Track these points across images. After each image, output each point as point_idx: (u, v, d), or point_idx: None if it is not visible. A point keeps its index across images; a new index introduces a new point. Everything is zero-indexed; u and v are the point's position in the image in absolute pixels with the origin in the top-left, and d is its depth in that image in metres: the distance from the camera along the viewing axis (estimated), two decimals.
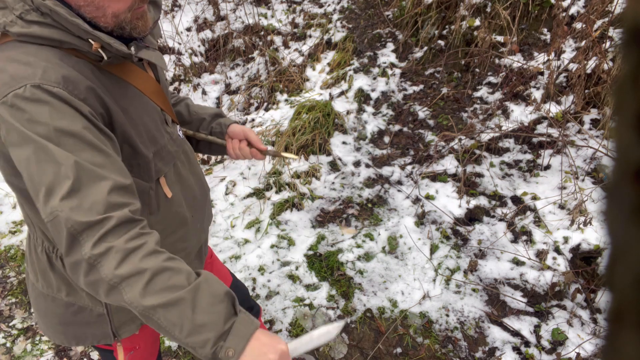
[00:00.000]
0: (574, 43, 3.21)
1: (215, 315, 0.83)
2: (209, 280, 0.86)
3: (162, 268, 0.82)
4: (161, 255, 0.84)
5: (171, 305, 0.81)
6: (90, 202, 0.82)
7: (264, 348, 0.85)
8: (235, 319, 0.85)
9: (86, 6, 0.89)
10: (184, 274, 0.84)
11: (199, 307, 0.82)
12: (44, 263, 1.12)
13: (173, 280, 0.82)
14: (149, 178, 1.06)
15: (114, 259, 0.81)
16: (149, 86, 1.08)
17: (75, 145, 0.84)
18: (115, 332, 1.19)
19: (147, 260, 0.82)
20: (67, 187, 0.82)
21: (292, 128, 3.27)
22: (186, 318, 0.81)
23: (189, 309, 0.81)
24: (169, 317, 0.81)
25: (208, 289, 0.84)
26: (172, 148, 1.14)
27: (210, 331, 0.82)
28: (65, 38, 0.88)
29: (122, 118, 0.97)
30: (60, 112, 0.84)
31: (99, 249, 0.81)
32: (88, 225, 0.81)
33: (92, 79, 0.92)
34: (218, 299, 0.84)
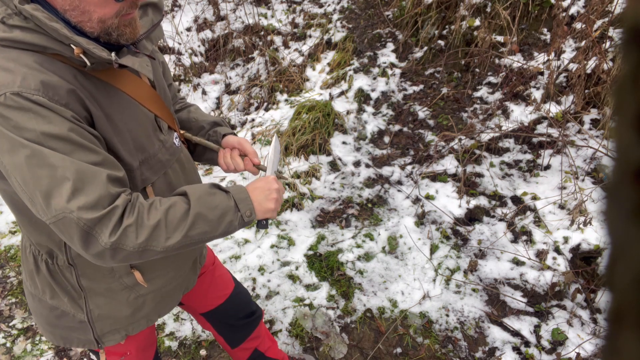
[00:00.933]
0: (574, 43, 3.21)
1: (221, 203, 1.02)
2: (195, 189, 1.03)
3: (165, 211, 0.96)
4: (155, 204, 0.97)
5: (194, 224, 0.98)
6: (95, 198, 0.87)
7: (264, 189, 1.10)
8: (231, 194, 1.06)
9: (71, 10, 0.87)
10: (179, 201, 1.00)
11: (209, 209, 1.00)
12: (31, 264, 1.12)
13: (179, 211, 0.97)
14: (134, 186, 1.04)
15: (132, 234, 0.91)
16: (142, 92, 1.06)
17: (65, 147, 0.86)
18: (99, 339, 1.18)
19: (152, 215, 0.94)
20: (69, 188, 0.85)
21: (292, 128, 3.27)
22: (208, 220, 1.00)
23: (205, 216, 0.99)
24: (199, 231, 0.99)
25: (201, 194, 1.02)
26: (164, 157, 1.11)
27: (228, 213, 1.03)
28: (48, 43, 0.86)
29: (105, 125, 0.95)
30: (44, 117, 0.84)
31: (116, 235, 0.90)
32: (99, 220, 0.88)
33: (75, 83, 0.90)
34: (211, 193, 1.03)
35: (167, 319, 2.35)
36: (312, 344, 2.20)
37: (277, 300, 2.39)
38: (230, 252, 2.67)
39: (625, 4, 0.21)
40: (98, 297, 1.13)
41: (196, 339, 2.26)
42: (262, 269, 2.54)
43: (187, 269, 1.29)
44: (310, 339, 2.22)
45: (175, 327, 2.32)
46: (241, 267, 2.57)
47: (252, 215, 1.06)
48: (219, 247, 2.71)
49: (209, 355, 2.19)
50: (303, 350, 2.18)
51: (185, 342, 2.25)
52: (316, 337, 2.23)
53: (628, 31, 0.20)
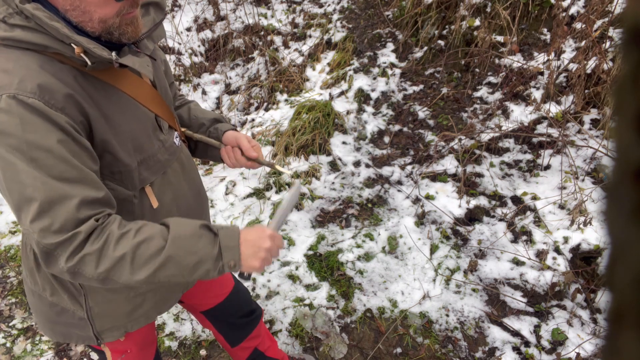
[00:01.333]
0: (574, 43, 3.21)
1: (202, 249, 0.94)
2: (180, 226, 0.96)
3: (136, 245, 0.90)
4: (129, 235, 0.91)
5: (163, 266, 0.91)
6: (60, 222, 0.86)
7: (255, 244, 1.00)
8: (218, 239, 0.97)
9: (72, 10, 0.87)
10: (157, 235, 0.93)
11: (186, 253, 0.93)
12: (31, 261, 1.13)
13: (152, 248, 0.91)
14: (132, 186, 1.04)
15: (91, 263, 0.88)
16: (142, 92, 1.05)
17: (46, 160, 0.85)
18: (98, 335, 1.18)
19: (119, 246, 0.89)
20: (34, 208, 0.85)
21: (292, 128, 3.27)
22: (181, 266, 0.93)
23: (179, 259, 0.92)
24: (168, 274, 0.92)
25: (183, 234, 0.94)
26: (163, 156, 1.11)
27: (206, 262, 0.95)
28: (49, 43, 0.86)
29: (103, 126, 0.94)
30: (33, 126, 0.84)
31: (73, 261, 0.88)
32: (59, 244, 0.87)
33: (74, 85, 0.90)
34: (196, 236, 0.95)
35: (167, 319, 2.35)
36: (312, 344, 2.20)
37: (277, 300, 2.39)
38: None
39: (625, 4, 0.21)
40: (98, 295, 1.13)
41: (196, 339, 2.26)
42: None
43: None
44: (310, 339, 2.22)
45: (175, 327, 2.32)
46: None
47: (237, 267, 0.99)
48: None
49: (209, 355, 2.19)
50: (303, 350, 2.18)
51: (185, 342, 2.25)
52: (316, 337, 2.23)
53: (628, 31, 0.20)
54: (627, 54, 0.21)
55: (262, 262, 1.01)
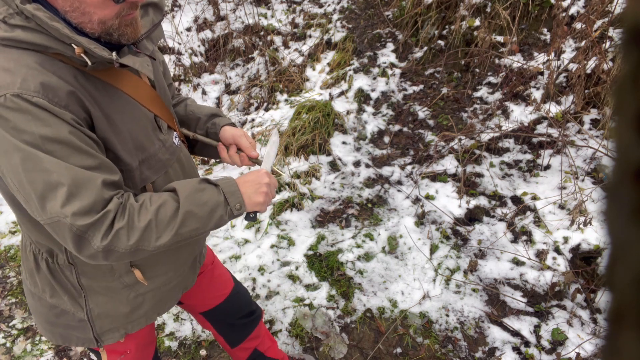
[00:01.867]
0: (574, 43, 3.21)
1: (211, 199, 1.03)
2: (185, 185, 1.03)
3: (155, 211, 0.97)
4: (146, 204, 0.97)
5: (183, 223, 0.99)
6: (89, 203, 0.88)
7: (254, 182, 1.10)
8: (220, 188, 1.06)
9: (72, 11, 0.87)
10: (168, 199, 1.00)
11: (198, 206, 1.01)
12: (31, 263, 1.13)
13: (169, 210, 0.98)
14: (133, 185, 1.05)
15: (123, 237, 0.93)
16: (142, 92, 1.06)
17: (63, 151, 0.86)
18: (98, 338, 1.18)
19: (142, 216, 0.95)
20: (63, 193, 0.86)
21: (292, 128, 3.27)
22: (198, 218, 1.01)
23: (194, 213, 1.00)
24: (189, 229, 1.00)
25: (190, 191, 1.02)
26: (164, 156, 1.11)
27: (217, 209, 1.03)
28: (49, 43, 0.87)
29: (104, 125, 0.95)
30: (43, 120, 0.85)
31: (107, 239, 0.91)
32: (92, 225, 0.89)
33: (75, 84, 0.90)
34: (200, 190, 1.03)
35: (167, 319, 2.35)
36: (312, 344, 2.20)
37: (277, 300, 2.39)
38: (230, 252, 2.67)
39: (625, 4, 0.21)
40: (98, 296, 1.13)
41: (196, 339, 2.26)
42: (262, 269, 2.54)
43: (186, 268, 1.29)
44: (310, 339, 2.22)
45: (175, 327, 2.32)
46: (241, 267, 2.57)
47: (242, 209, 1.07)
48: (219, 247, 2.71)
49: (209, 355, 2.19)
50: (303, 350, 2.18)
51: (185, 342, 2.25)
52: (316, 337, 2.23)
53: (628, 31, 0.20)
54: (627, 54, 0.20)
55: (265, 197, 1.10)
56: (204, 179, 1.07)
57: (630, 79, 0.20)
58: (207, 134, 1.33)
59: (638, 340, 0.21)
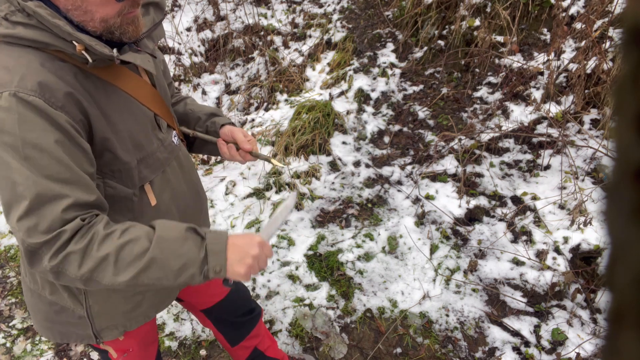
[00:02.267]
0: (574, 43, 3.21)
1: (188, 253, 0.93)
2: (166, 227, 0.95)
3: (120, 245, 0.90)
4: (114, 235, 0.90)
5: (147, 268, 0.90)
6: (47, 222, 0.86)
7: (242, 250, 0.97)
8: (205, 243, 0.95)
9: (74, 10, 0.87)
10: (142, 237, 0.92)
11: (171, 255, 0.91)
12: None
13: (136, 249, 0.90)
14: (132, 184, 1.04)
15: (74, 262, 0.88)
16: (142, 91, 1.06)
17: (40, 160, 0.85)
18: (97, 334, 1.19)
19: (103, 247, 0.89)
20: (23, 207, 0.85)
21: (292, 128, 3.27)
22: (166, 269, 0.91)
23: (163, 262, 0.91)
24: (151, 277, 0.91)
25: (169, 236, 0.93)
26: (162, 155, 1.11)
27: (192, 266, 0.93)
28: (50, 40, 0.87)
29: (102, 124, 0.95)
30: (31, 124, 0.84)
31: (56, 260, 0.87)
32: (44, 243, 0.86)
33: (74, 84, 0.90)
34: (182, 239, 0.94)
35: (167, 319, 2.35)
36: (312, 344, 2.20)
37: (277, 300, 2.39)
38: None
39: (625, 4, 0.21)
40: (98, 293, 1.13)
41: (196, 339, 2.26)
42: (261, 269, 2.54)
43: None
44: (310, 339, 2.22)
45: (175, 327, 2.32)
46: None
47: (222, 272, 0.96)
48: None
49: (209, 355, 2.19)
50: (303, 350, 2.18)
51: (185, 342, 2.25)
52: (316, 337, 2.23)
53: (628, 31, 0.20)
54: (627, 54, 0.21)
55: (248, 269, 0.98)
56: (193, 228, 0.97)
57: (630, 79, 0.20)
58: (207, 132, 1.33)
59: (638, 340, 0.21)
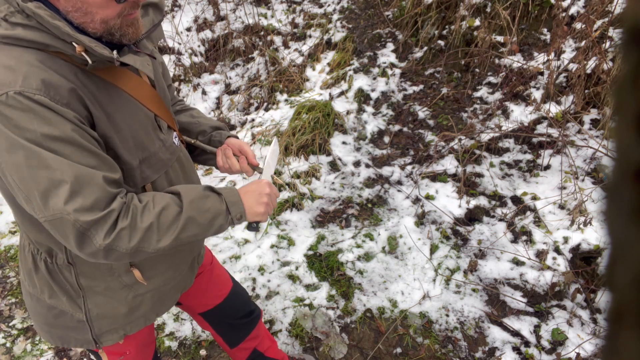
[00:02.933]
0: (574, 43, 3.21)
1: (213, 207, 1.05)
2: (189, 191, 1.05)
3: (157, 213, 0.97)
4: (149, 206, 0.98)
5: (184, 228, 1.00)
6: (92, 201, 0.89)
7: (256, 192, 1.13)
8: (222, 197, 1.08)
9: (74, 11, 0.87)
10: (171, 203, 1.01)
11: (200, 213, 1.02)
12: (29, 263, 1.12)
13: (171, 214, 0.99)
14: (134, 184, 1.05)
15: (125, 237, 0.93)
16: (142, 91, 1.07)
17: (65, 150, 0.87)
18: (97, 339, 1.18)
19: (144, 218, 0.96)
20: (66, 190, 0.87)
21: (292, 128, 3.27)
22: (199, 224, 1.02)
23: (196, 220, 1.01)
24: (189, 234, 1.01)
25: (193, 197, 1.04)
26: (164, 155, 1.12)
27: (218, 217, 1.05)
28: (50, 41, 0.87)
29: (105, 124, 0.96)
30: (45, 119, 0.85)
31: (110, 238, 0.92)
32: (95, 222, 0.90)
33: (76, 82, 0.91)
34: (204, 197, 1.05)
35: (167, 319, 2.35)
36: (312, 344, 2.20)
37: (277, 300, 2.39)
38: (230, 252, 2.67)
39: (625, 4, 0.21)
40: (97, 296, 1.13)
41: (196, 339, 2.26)
42: (262, 269, 2.54)
43: (185, 269, 1.29)
44: (310, 339, 2.22)
45: (175, 327, 2.32)
46: (241, 267, 2.57)
47: (243, 218, 1.09)
48: (219, 247, 2.71)
49: (208, 355, 2.19)
50: (303, 350, 2.18)
51: (185, 342, 2.25)
52: (316, 337, 2.23)
53: (628, 31, 0.20)
54: (627, 54, 0.20)
55: (266, 207, 1.13)
56: (208, 186, 1.09)
57: (630, 79, 0.20)
58: (210, 142, 1.34)
59: (638, 340, 0.21)
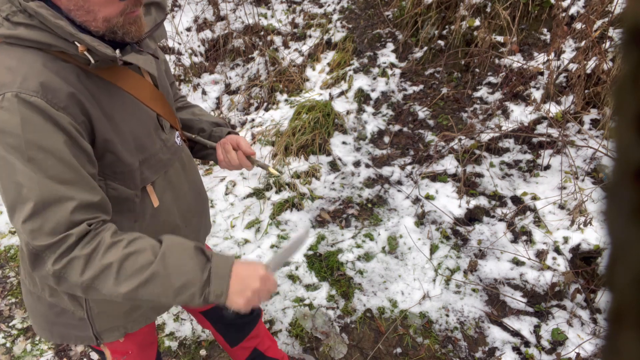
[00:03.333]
0: (573, 43, 3.21)
1: (191, 272, 0.90)
2: (173, 244, 0.93)
3: (125, 255, 0.88)
4: (120, 244, 0.89)
5: (148, 282, 0.88)
6: (52, 224, 0.85)
7: (245, 281, 0.95)
8: (210, 264, 0.93)
9: (76, 10, 0.87)
10: (148, 249, 0.90)
11: (174, 272, 0.89)
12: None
13: (140, 261, 0.88)
14: (134, 186, 1.04)
15: (77, 267, 0.87)
16: (144, 91, 1.06)
17: (44, 162, 0.84)
18: (98, 336, 1.18)
19: (108, 255, 0.87)
20: (28, 209, 0.84)
21: (292, 128, 3.27)
22: (166, 286, 0.89)
23: (165, 278, 0.89)
24: (151, 292, 0.89)
25: (175, 252, 0.91)
26: (165, 156, 1.11)
27: (193, 286, 0.90)
28: (52, 41, 0.86)
29: (105, 125, 0.94)
30: (34, 125, 0.83)
31: (60, 265, 0.86)
32: (48, 246, 0.85)
33: (76, 84, 0.90)
34: (187, 256, 0.92)
35: (167, 319, 2.35)
36: (312, 344, 2.20)
37: (277, 300, 2.39)
38: (230, 252, 2.67)
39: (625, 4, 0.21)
40: None
41: (196, 339, 2.26)
42: None
43: None
44: (310, 339, 2.22)
45: (175, 327, 2.32)
46: None
47: (222, 298, 0.93)
48: (219, 247, 2.71)
49: (209, 355, 2.19)
50: (303, 350, 2.18)
51: (185, 342, 2.25)
52: (316, 337, 2.23)
53: (628, 31, 0.20)
54: (627, 54, 0.20)
55: (247, 302, 0.95)
56: (199, 247, 0.96)
57: (630, 79, 0.20)
58: (210, 137, 1.33)
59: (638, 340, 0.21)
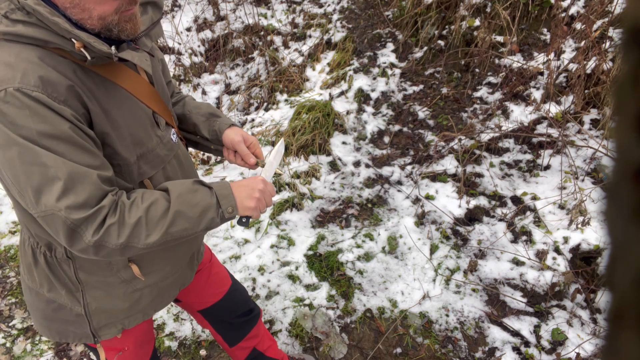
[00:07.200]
0: (573, 43, 3.21)
1: (202, 200, 1.04)
2: (176, 186, 1.04)
3: (146, 209, 0.98)
4: (137, 201, 0.98)
5: (174, 222, 1.00)
6: (83, 198, 0.90)
7: (248, 187, 1.11)
8: (213, 190, 1.06)
9: (72, 8, 0.89)
10: (159, 197, 1.01)
11: (189, 206, 1.02)
12: (29, 257, 1.13)
13: (159, 208, 0.99)
14: (131, 180, 1.06)
15: (114, 233, 0.94)
16: (140, 88, 1.08)
17: (59, 147, 0.88)
18: (95, 333, 1.19)
19: (132, 213, 0.96)
20: (59, 187, 0.88)
21: (292, 128, 3.27)
22: (189, 218, 1.01)
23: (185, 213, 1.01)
24: (179, 229, 1.00)
25: (181, 191, 1.03)
26: (162, 152, 1.13)
27: (209, 211, 1.04)
28: (50, 37, 0.88)
29: (102, 119, 0.97)
30: (42, 116, 0.86)
31: (99, 234, 0.93)
32: (85, 219, 0.91)
33: (74, 79, 0.92)
34: (193, 190, 1.04)
35: (167, 319, 2.35)
36: (312, 344, 2.20)
37: (277, 300, 2.39)
38: (230, 252, 2.67)
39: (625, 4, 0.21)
40: (95, 290, 1.14)
41: (196, 339, 2.26)
42: (262, 269, 2.54)
43: (184, 265, 1.29)
44: (310, 339, 2.22)
45: (175, 327, 2.32)
46: (241, 267, 2.57)
47: (234, 212, 1.07)
48: (218, 247, 2.71)
49: (208, 355, 2.19)
50: (303, 350, 2.18)
51: (185, 342, 2.25)
52: (316, 337, 2.23)
53: (628, 31, 0.20)
54: (627, 54, 0.21)
55: (257, 202, 1.10)
56: (198, 180, 1.08)
57: (630, 79, 0.20)
58: (209, 131, 1.33)
59: (638, 340, 0.21)
